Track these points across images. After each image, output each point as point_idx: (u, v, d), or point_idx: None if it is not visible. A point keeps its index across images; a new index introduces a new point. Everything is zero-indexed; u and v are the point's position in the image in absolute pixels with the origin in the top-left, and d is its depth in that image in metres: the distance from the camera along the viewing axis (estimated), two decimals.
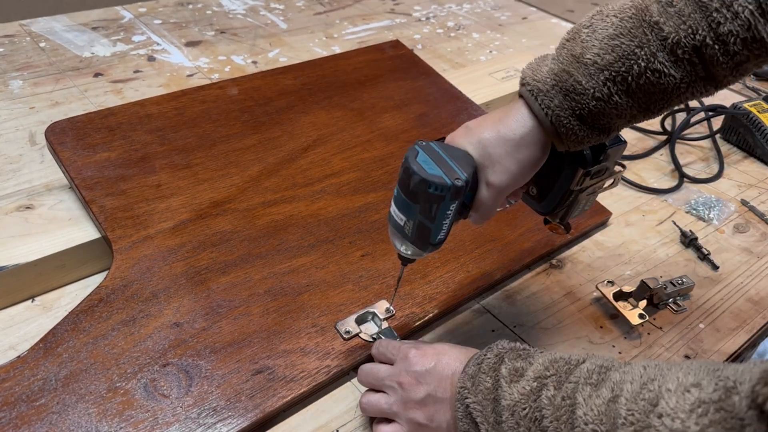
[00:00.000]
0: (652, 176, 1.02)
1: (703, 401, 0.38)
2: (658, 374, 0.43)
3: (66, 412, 0.56)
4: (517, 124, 0.55)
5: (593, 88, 0.53)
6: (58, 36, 1.18)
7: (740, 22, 0.49)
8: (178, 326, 0.64)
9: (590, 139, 0.55)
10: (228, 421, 0.58)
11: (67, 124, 0.82)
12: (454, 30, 1.44)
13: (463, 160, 0.55)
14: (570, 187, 0.61)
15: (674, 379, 0.42)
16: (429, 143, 0.56)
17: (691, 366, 0.43)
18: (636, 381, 0.44)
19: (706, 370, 0.41)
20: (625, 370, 0.46)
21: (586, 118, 0.54)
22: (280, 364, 0.63)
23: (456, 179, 0.53)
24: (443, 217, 0.55)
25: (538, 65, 0.56)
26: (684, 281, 0.79)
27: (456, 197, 0.54)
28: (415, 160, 0.54)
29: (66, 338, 0.61)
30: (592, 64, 0.53)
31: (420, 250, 0.58)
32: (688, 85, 0.53)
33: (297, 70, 1.02)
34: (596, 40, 0.53)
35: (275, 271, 0.72)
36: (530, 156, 0.56)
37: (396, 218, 0.57)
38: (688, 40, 0.50)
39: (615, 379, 0.46)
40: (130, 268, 0.69)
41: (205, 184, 0.80)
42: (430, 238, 0.57)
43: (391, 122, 0.96)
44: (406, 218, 0.56)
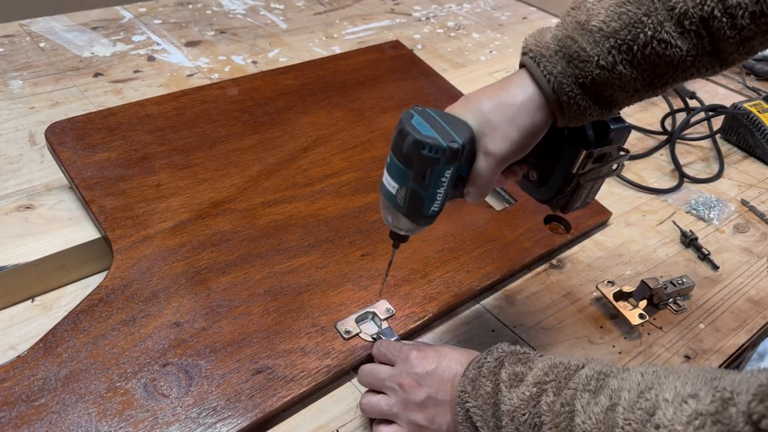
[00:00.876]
0: (652, 176, 1.02)
1: (700, 413, 0.38)
2: (656, 382, 0.43)
3: (66, 411, 0.56)
4: (518, 89, 0.53)
5: (597, 55, 0.51)
6: (58, 36, 1.18)
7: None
8: (178, 326, 0.64)
9: (592, 112, 0.54)
10: (228, 420, 0.58)
11: (67, 124, 0.82)
12: (454, 30, 1.44)
13: (460, 125, 0.53)
14: (572, 170, 0.58)
15: (672, 388, 0.41)
16: (425, 108, 0.53)
17: (688, 375, 0.42)
18: (633, 389, 0.44)
19: (704, 380, 0.41)
20: (623, 377, 0.46)
21: (589, 87, 0.52)
22: (280, 364, 0.63)
23: (452, 142, 0.50)
24: (438, 184, 0.52)
25: (541, 33, 0.54)
26: (684, 281, 0.79)
27: (451, 161, 0.51)
28: (410, 122, 0.51)
29: (66, 338, 0.61)
30: (597, 31, 0.51)
31: (413, 224, 0.55)
32: (694, 59, 0.51)
33: (297, 70, 1.02)
34: (602, 7, 0.51)
35: (275, 271, 0.72)
36: (531, 123, 0.53)
37: (388, 186, 0.54)
38: (696, 10, 0.48)
39: (613, 386, 0.45)
40: (130, 268, 0.69)
41: (205, 184, 0.80)
42: (423, 208, 0.54)
43: (391, 122, 0.96)
44: (398, 185, 0.53)
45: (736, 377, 0.39)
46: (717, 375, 0.41)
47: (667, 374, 0.44)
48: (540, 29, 0.56)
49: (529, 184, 0.62)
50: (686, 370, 0.43)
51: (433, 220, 0.55)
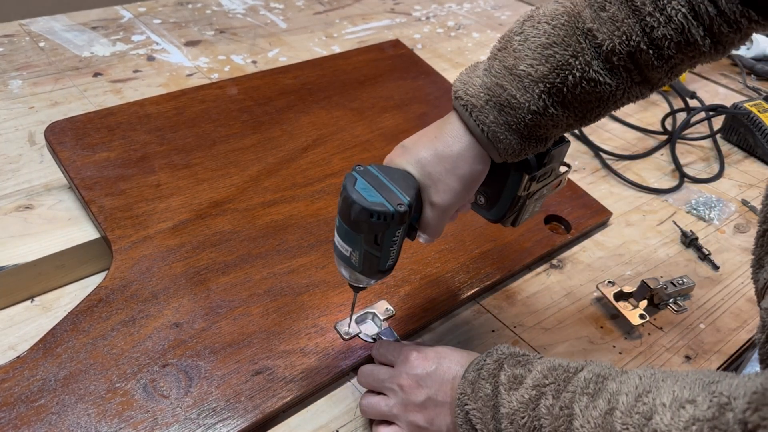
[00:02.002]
0: (652, 176, 1.02)
1: (697, 419, 0.38)
2: (654, 386, 0.43)
3: (65, 412, 0.56)
4: (454, 140, 0.54)
5: (528, 101, 0.51)
6: (57, 36, 1.18)
7: (674, 26, 0.48)
8: (178, 326, 0.64)
9: (528, 151, 0.55)
10: (228, 421, 0.58)
11: (66, 124, 0.82)
12: (454, 29, 1.44)
13: (404, 181, 0.53)
14: (517, 193, 0.60)
15: (669, 392, 0.41)
16: (367, 168, 0.54)
17: (687, 379, 0.42)
18: (631, 393, 0.43)
19: (701, 384, 0.40)
20: (621, 379, 0.46)
21: (522, 131, 0.53)
22: (279, 365, 0.63)
23: (398, 205, 0.51)
24: (390, 244, 0.54)
25: (469, 77, 0.54)
26: (684, 281, 0.79)
27: (401, 223, 0.52)
28: (354, 188, 0.51)
29: (65, 338, 0.61)
30: (526, 77, 0.51)
31: (369, 279, 0.57)
32: (624, 92, 0.52)
33: (297, 70, 1.02)
34: (529, 49, 0.51)
35: (275, 272, 0.72)
36: (471, 171, 0.54)
37: (341, 249, 0.55)
38: (623, 46, 0.49)
39: (611, 389, 0.45)
40: (130, 268, 0.68)
41: (204, 184, 0.79)
42: (379, 265, 0.55)
43: (391, 122, 0.96)
44: (351, 249, 0.54)
45: (733, 381, 0.39)
46: (715, 379, 0.41)
47: (666, 377, 0.43)
48: (468, 69, 0.56)
49: (478, 207, 0.64)
50: (684, 374, 0.43)
51: (389, 273, 0.57)
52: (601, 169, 1.03)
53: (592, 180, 1.00)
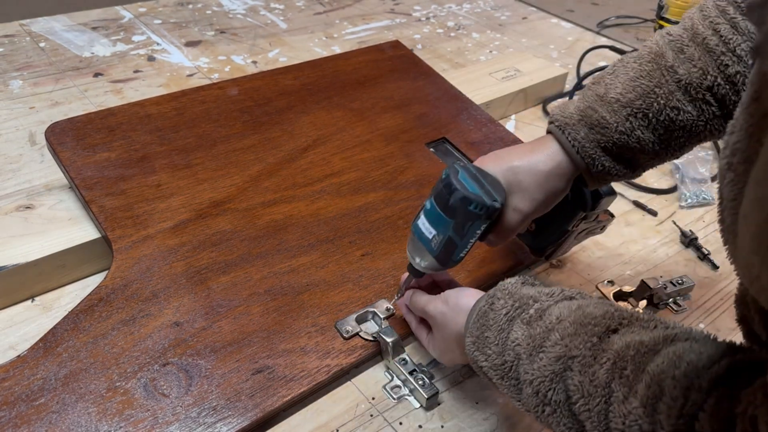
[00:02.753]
0: (652, 176, 1.02)
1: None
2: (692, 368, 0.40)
3: (66, 411, 0.56)
4: (548, 157, 0.60)
5: (616, 122, 0.58)
6: (57, 36, 1.18)
7: (744, 64, 0.55)
8: (178, 326, 0.64)
9: (617, 172, 0.60)
10: (228, 420, 0.58)
11: (66, 125, 0.82)
12: (454, 30, 1.44)
13: (497, 185, 0.59)
14: (567, 226, 0.67)
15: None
16: (467, 165, 0.59)
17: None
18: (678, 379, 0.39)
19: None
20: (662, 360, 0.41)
21: (611, 150, 0.59)
22: (280, 364, 0.63)
23: (494, 201, 0.57)
24: (472, 235, 0.58)
25: (565, 105, 0.62)
26: (684, 281, 0.79)
27: (489, 218, 0.57)
28: (457, 177, 0.57)
29: (66, 338, 0.61)
30: (615, 102, 0.58)
31: (440, 265, 0.61)
32: (705, 123, 0.58)
33: (297, 70, 1.02)
34: (619, 82, 0.59)
35: (275, 271, 0.72)
36: (556, 187, 0.60)
37: (424, 231, 0.59)
38: (701, 80, 0.56)
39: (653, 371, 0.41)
40: (130, 267, 0.69)
41: (205, 184, 0.80)
42: (454, 254, 0.59)
43: (391, 122, 0.96)
44: (436, 232, 0.58)
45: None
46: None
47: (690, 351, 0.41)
48: (564, 102, 0.64)
49: (527, 233, 0.69)
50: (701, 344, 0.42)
51: (457, 264, 0.61)
52: None
53: None
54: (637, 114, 0.57)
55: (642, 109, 0.57)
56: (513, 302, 0.54)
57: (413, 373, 0.64)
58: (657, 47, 0.59)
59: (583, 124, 0.59)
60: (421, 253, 0.61)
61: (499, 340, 0.52)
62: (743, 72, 0.55)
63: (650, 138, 0.58)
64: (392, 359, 0.65)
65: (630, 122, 0.58)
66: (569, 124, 0.59)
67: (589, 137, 0.59)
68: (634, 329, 0.46)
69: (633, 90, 0.58)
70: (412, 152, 0.91)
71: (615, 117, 0.58)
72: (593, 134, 0.58)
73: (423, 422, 0.62)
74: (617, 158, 0.59)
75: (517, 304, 0.53)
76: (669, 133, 0.58)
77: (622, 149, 0.59)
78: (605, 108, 0.58)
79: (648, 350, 0.42)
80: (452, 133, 0.97)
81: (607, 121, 0.58)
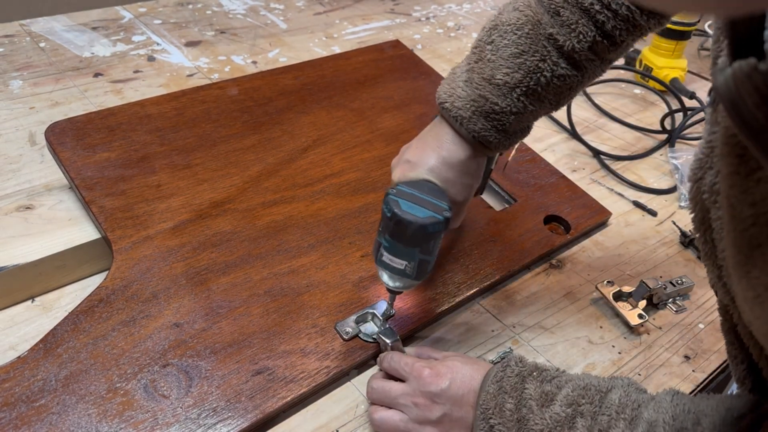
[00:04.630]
0: (651, 176, 1.02)
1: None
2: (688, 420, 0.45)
3: (66, 412, 0.56)
4: (456, 147, 0.61)
5: (509, 106, 0.59)
6: (57, 36, 1.18)
7: (620, 18, 0.56)
8: (178, 327, 0.64)
9: (515, 141, 0.63)
10: (228, 421, 0.58)
11: (66, 125, 0.82)
12: (454, 30, 1.44)
13: (433, 190, 0.59)
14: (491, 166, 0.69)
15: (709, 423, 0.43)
16: (399, 188, 0.59)
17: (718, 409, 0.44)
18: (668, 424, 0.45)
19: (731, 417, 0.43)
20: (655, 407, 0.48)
21: (508, 129, 0.61)
22: (280, 365, 0.63)
23: (444, 212, 0.57)
24: (437, 246, 0.60)
25: (452, 88, 0.61)
26: (684, 281, 0.79)
27: (447, 227, 0.58)
28: (401, 209, 0.56)
29: (66, 339, 0.61)
30: (503, 85, 0.59)
31: (417, 281, 0.62)
32: (589, 76, 0.61)
33: (297, 70, 1.02)
34: (501, 59, 0.58)
35: (275, 272, 0.72)
36: (477, 166, 0.63)
37: (394, 265, 0.59)
38: (582, 44, 0.57)
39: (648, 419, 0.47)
40: (130, 268, 0.69)
41: (205, 184, 0.80)
42: (428, 268, 0.61)
43: (391, 122, 0.96)
44: (406, 262, 0.59)
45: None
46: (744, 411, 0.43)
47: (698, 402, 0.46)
48: (448, 79, 0.63)
49: None
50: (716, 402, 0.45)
51: (429, 274, 0.63)
52: (601, 169, 1.03)
53: (592, 180, 1.00)
54: (527, 92, 0.58)
55: (530, 86, 0.58)
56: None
57: None
58: (532, 12, 0.57)
59: (478, 114, 0.59)
60: (399, 280, 0.62)
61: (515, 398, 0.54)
62: (619, 26, 0.56)
63: (542, 106, 0.60)
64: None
65: (521, 101, 0.59)
66: (465, 117, 0.60)
67: (487, 126, 0.60)
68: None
69: (518, 69, 0.58)
70: None
71: (506, 101, 0.59)
72: (490, 122, 0.60)
73: None
74: (514, 132, 0.62)
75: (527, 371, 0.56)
76: (558, 95, 0.60)
77: (517, 124, 0.61)
78: (495, 93, 0.59)
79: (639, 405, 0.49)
80: None
81: (500, 107, 0.59)
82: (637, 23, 0.57)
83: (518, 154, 0.96)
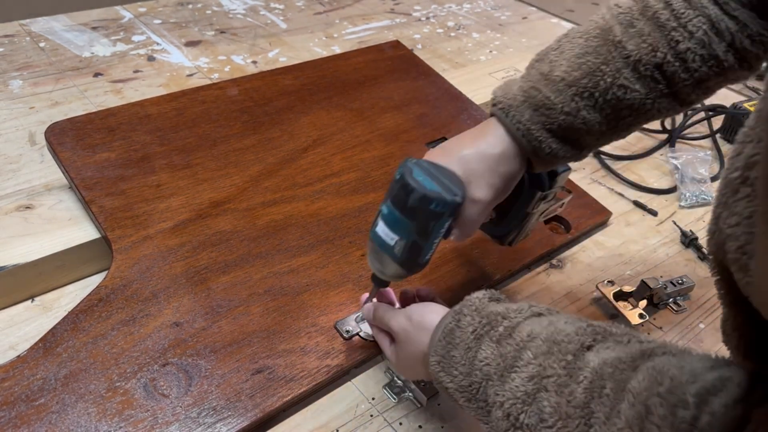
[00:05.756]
0: (652, 176, 1.02)
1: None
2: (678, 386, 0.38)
3: (65, 411, 0.56)
4: (496, 140, 0.57)
5: (562, 102, 0.55)
6: (57, 36, 1.18)
7: (696, 41, 0.53)
8: (178, 326, 0.64)
9: (563, 154, 0.57)
10: (228, 420, 0.58)
11: (66, 125, 0.82)
12: (454, 30, 1.44)
13: (455, 178, 0.55)
14: (527, 209, 0.64)
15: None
16: (419, 161, 0.55)
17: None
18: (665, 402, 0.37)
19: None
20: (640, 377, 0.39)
21: (556, 131, 0.56)
22: (280, 364, 0.63)
23: (455, 196, 0.53)
24: (437, 235, 0.55)
25: (507, 85, 0.58)
26: (684, 281, 0.79)
27: (452, 214, 0.54)
28: (412, 176, 0.53)
29: (66, 338, 0.61)
30: (560, 81, 0.55)
31: (405, 272, 0.57)
32: (653, 101, 0.55)
33: (297, 71, 1.02)
34: (564, 59, 0.56)
35: (275, 271, 0.72)
36: (510, 170, 0.57)
37: (384, 238, 0.55)
38: (650, 57, 0.53)
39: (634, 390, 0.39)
40: (130, 267, 0.69)
41: (204, 184, 0.80)
42: (420, 258, 0.56)
43: (391, 122, 0.96)
44: (398, 237, 0.54)
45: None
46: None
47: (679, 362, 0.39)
48: (507, 81, 0.60)
49: (488, 222, 0.66)
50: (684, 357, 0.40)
51: (423, 267, 0.57)
52: (601, 169, 1.03)
53: (592, 180, 1.00)
54: (583, 93, 0.55)
55: (588, 88, 0.54)
56: (480, 319, 0.51)
57: None
58: (604, 21, 0.56)
59: (527, 105, 0.56)
60: (384, 262, 0.57)
61: (467, 359, 0.50)
62: (694, 49, 0.53)
63: (596, 118, 0.55)
64: None
65: (575, 102, 0.55)
66: (513, 105, 0.56)
67: (534, 119, 0.56)
68: (608, 344, 0.44)
69: (578, 68, 0.55)
70: (412, 152, 0.91)
71: (560, 97, 0.55)
72: (538, 116, 0.56)
73: (423, 422, 0.62)
74: (563, 140, 0.57)
75: (485, 320, 0.51)
76: (616, 112, 0.56)
77: (567, 130, 0.56)
78: (549, 87, 0.55)
79: (626, 367, 0.41)
80: (452, 133, 0.96)
81: (552, 102, 0.55)
82: (713, 52, 0.53)
83: None
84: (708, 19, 0.52)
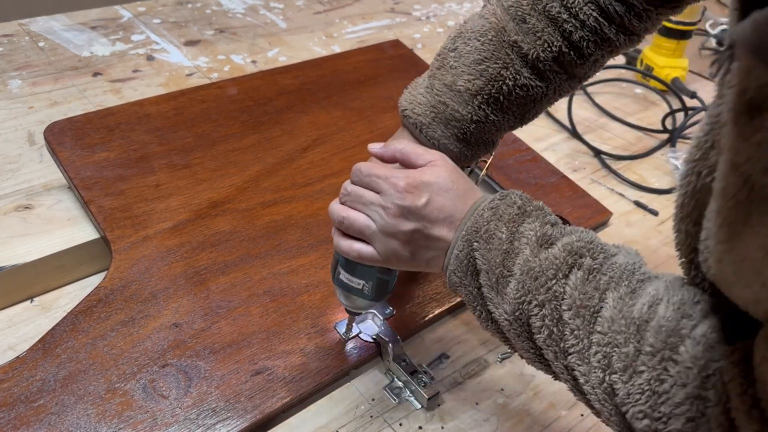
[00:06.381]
0: (652, 176, 1.02)
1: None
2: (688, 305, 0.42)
3: (65, 412, 0.56)
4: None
5: (470, 113, 0.57)
6: (57, 35, 1.18)
7: (588, 29, 0.55)
8: (177, 327, 0.64)
9: (478, 155, 0.61)
10: (227, 422, 0.58)
11: (65, 124, 0.81)
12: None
13: None
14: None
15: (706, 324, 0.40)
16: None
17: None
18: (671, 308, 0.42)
19: None
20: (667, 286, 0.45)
21: (469, 139, 0.59)
22: (279, 365, 0.63)
23: None
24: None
25: (413, 96, 0.60)
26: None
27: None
28: None
29: (65, 339, 0.61)
30: (465, 91, 0.57)
31: (376, 302, 0.60)
32: (555, 90, 0.58)
33: (296, 70, 1.02)
34: (464, 65, 0.57)
35: (274, 272, 0.71)
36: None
37: (351, 284, 0.58)
38: (546, 53, 0.55)
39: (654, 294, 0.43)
40: (129, 268, 0.68)
41: (204, 184, 0.79)
42: (388, 288, 0.59)
43: (391, 122, 0.96)
44: (364, 281, 0.57)
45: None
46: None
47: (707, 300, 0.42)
48: (411, 87, 0.61)
49: None
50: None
51: (391, 294, 0.60)
52: (601, 169, 1.02)
53: (593, 180, 0.99)
54: (489, 100, 0.57)
55: (492, 95, 0.56)
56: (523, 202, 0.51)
57: (414, 374, 0.64)
58: (497, 19, 0.56)
59: (438, 121, 0.58)
60: (355, 301, 0.60)
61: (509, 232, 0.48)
62: (587, 37, 0.55)
63: (505, 118, 0.58)
64: (392, 360, 0.65)
65: (483, 110, 0.57)
66: (424, 123, 0.58)
67: (446, 134, 0.58)
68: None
69: (480, 75, 0.56)
70: None
71: (467, 108, 0.57)
72: (450, 129, 0.58)
73: (423, 423, 0.62)
74: (476, 143, 0.59)
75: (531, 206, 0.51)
76: (522, 108, 0.59)
77: (479, 135, 0.59)
78: (456, 99, 0.57)
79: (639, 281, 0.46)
80: None
81: (461, 114, 0.57)
82: (605, 36, 0.55)
83: (518, 153, 0.96)
84: (596, 5, 0.54)
